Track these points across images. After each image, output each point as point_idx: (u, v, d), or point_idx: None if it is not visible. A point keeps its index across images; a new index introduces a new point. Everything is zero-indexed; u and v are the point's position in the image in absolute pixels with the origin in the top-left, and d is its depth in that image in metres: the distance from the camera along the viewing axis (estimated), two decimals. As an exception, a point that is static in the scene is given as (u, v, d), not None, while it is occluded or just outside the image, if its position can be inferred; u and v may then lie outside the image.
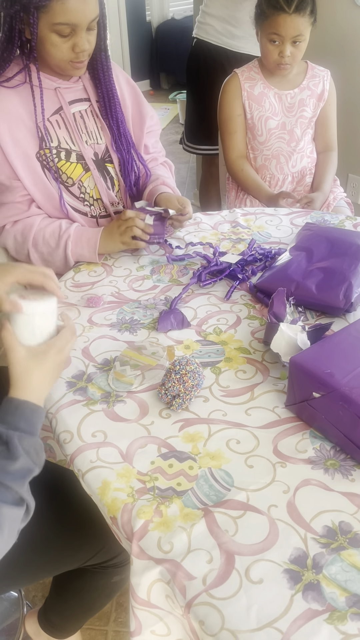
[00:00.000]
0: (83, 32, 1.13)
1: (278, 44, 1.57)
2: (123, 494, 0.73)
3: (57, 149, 1.26)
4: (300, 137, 1.73)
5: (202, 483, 0.74)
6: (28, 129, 1.22)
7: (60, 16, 1.08)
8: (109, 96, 1.31)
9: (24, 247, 1.27)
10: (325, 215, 1.44)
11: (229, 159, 1.77)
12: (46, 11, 1.08)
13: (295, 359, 0.80)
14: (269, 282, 1.09)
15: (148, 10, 5.16)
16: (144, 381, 0.90)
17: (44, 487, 0.96)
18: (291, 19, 1.51)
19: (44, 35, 1.12)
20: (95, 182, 1.32)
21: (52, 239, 1.25)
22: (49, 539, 0.92)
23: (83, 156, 1.30)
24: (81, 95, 1.30)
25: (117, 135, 1.34)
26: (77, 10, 1.08)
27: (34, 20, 1.09)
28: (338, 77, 1.81)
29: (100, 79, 1.29)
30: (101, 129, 1.33)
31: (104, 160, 1.34)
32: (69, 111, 1.27)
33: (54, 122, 1.26)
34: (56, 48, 1.13)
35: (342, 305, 1.02)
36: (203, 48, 2.14)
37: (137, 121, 1.41)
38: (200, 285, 1.15)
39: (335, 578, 0.62)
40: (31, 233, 1.25)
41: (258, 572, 0.63)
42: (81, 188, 1.31)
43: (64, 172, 1.28)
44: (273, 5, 1.52)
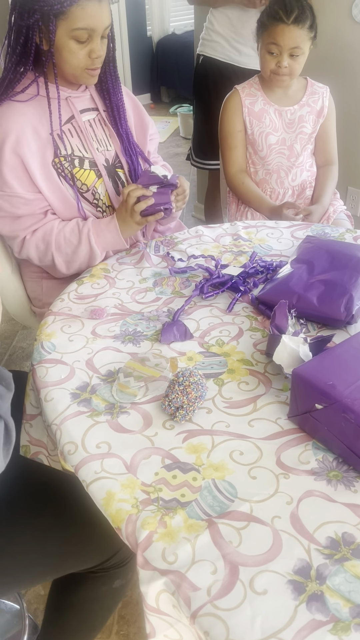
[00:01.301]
0: (99, 38, 1.18)
1: (276, 54, 1.60)
2: (127, 504, 0.73)
3: (71, 156, 1.30)
4: (300, 152, 1.76)
5: (205, 494, 0.74)
6: (43, 139, 1.25)
7: (80, 21, 1.13)
8: (118, 105, 1.36)
9: (47, 254, 1.29)
10: (325, 228, 1.45)
11: (229, 173, 1.80)
12: (65, 17, 1.13)
13: (297, 371, 0.81)
14: (271, 294, 1.10)
15: (149, 25, 5.22)
16: (147, 392, 0.91)
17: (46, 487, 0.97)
18: (289, 30, 1.54)
19: (62, 43, 1.16)
20: (106, 189, 1.35)
21: (73, 237, 1.27)
22: (51, 534, 0.93)
23: (96, 163, 1.34)
24: (89, 105, 1.35)
25: (127, 142, 1.38)
26: (95, 16, 1.14)
27: (53, 27, 1.14)
28: (338, 93, 1.84)
29: (110, 89, 1.35)
30: (109, 136, 1.37)
31: (114, 166, 1.38)
32: (81, 119, 1.31)
33: (66, 130, 1.29)
34: (73, 55, 1.18)
35: (343, 317, 1.03)
36: (211, 65, 2.18)
37: (140, 129, 1.45)
38: (203, 298, 1.16)
39: (339, 589, 0.63)
40: (52, 237, 1.27)
41: (262, 583, 0.64)
42: (95, 194, 1.34)
43: (79, 178, 1.31)
44: (273, 15, 1.55)
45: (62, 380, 0.95)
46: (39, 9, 1.13)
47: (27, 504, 0.95)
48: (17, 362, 2.19)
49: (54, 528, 0.94)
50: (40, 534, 0.93)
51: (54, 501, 0.96)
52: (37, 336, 1.08)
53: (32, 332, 2.34)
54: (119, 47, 4.99)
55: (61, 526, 0.95)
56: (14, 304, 1.51)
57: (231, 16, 2.06)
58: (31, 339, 2.32)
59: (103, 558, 1.00)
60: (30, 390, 1.00)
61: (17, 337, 2.33)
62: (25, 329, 2.36)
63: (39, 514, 0.94)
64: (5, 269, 1.43)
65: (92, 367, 0.98)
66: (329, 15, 2.18)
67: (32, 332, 2.34)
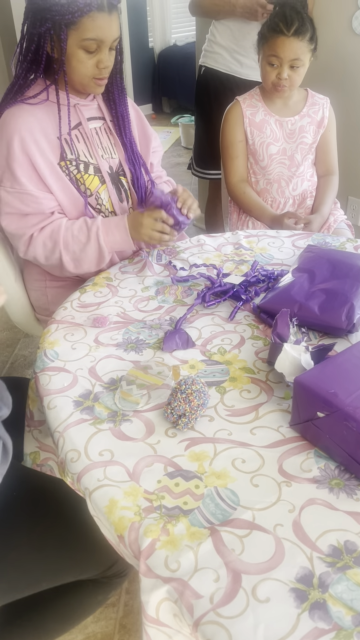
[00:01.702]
0: (107, 49, 1.21)
1: (276, 66, 1.61)
2: (130, 512, 0.74)
3: (76, 161, 1.32)
4: (301, 162, 1.77)
5: (208, 502, 0.74)
6: (51, 141, 1.28)
7: (90, 32, 1.16)
8: (123, 116, 1.39)
9: (54, 251, 1.29)
10: (326, 238, 1.46)
11: (231, 182, 1.81)
12: (76, 28, 1.16)
13: (299, 379, 0.81)
14: (272, 303, 1.11)
15: (151, 36, 5.28)
16: (150, 400, 0.91)
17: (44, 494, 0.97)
18: (290, 42, 1.56)
19: (72, 52, 1.19)
20: (109, 195, 1.37)
21: (81, 235, 1.28)
22: (48, 541, 0.94)
23: (100, 169, 1.36)
24: (96, 114, 1.38)
25: (131, 152, 1.41)
26: (105, 27, 1.17)
27: (64, 36, 1.16)
28: (338, 104, 1.85)
29: (116, 100, 1.38)
30: (114, 145, 1.40)
31: (118, 174, 1.41)
32: (88, 126, 1.34)
33: (74, 136, 1.32)
34: (82, 64, 1.21)
35: (344, 326, 1.04)
36: (213, 76, 2.20)
37: (143, 141, 1.48)
38: (205, 306, 1.17)
39: (342, 597, 0.63)
40: (60, 234, 1.28)
41: (265, 591, 0.64)
42: (98, 199, 1.36)
43: (83, 183, 1.33)
44: (273, 28, 1.57)
45: (65, 388, 0.96)
46: (50, 18, 1.15)
47: (25, 511, 0.95)
48: (19, 370, 2.19)
49: (51, 535, 0.94)
50: (38, 541, 0.93)
51: (52, 508, 0.96)
52: (40, 344, 1.08)
53: (34, 340, 2.34)
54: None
55: (59, 533, 0.95)
56: (18, 312, 1.52)
57: (233, 28, 2.08)
58: (33, 347, 2.32)
59: (101, 568, 1.00)
60: (37, 397, 1.01)
61: (19, 345, 2.33)
62: (27, 337, 2.36)
63: (37, 521, 0.94)
64: (9, 277, 1.44)
65: (94, 375, 0.98)
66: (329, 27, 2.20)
67: (33, 340, 2.35)
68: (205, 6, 2.14)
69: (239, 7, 1.99)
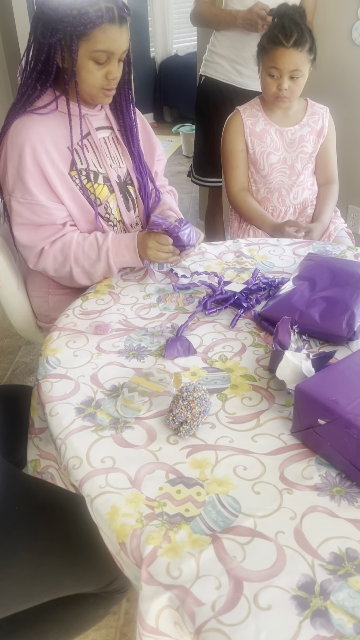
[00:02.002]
0: (116, 60, 1.22)
1: (276, 77, 1.63)
2: (132, 519, 0.74)
3: (86, 170, 1.33)
4: (301, 171, 1.78)
5: (209, 509, 0.75)
6: (61, 151, 1.29)
7: (101, 44, 1.18)
8: (131, 126, 1.41)
9: (65, 265, 1.31)
10: (327, 246, 1.47)
11: (232, 191, 1.82)
12: (87, 39, 1.17)
13: (300, 387, 0.82)
14: (273, 310, 1.11)
15: (152, 46, 5.32)
16: (151, 407, 0.92)
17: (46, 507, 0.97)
18: (289, 53, 1.57)
19: (81, 63, 1.20)
20: (117, 204, 1.38)
21: (92, 252, 1.29)
22: (48, 556, 0.93)
23: (109, 178, 1.37)
24: (104, 124, 1.39)
25: (138, 161, 1.43)
26: (115, 40, 1.19)
27: (75, 48, 1.17)
28: (338, 113, 1.87)
29: (123, 110, 1.39)
30: (122, 154, 1.41)
31: (125, 183, 1.42)
32: (96, 136, 1.35)
33: (83, 145, 1.32)
34: (91, 75, 1.22)
35: (345, 333, 1.04)
36: (212, 85, 2.22)
37: (148, 150, 1.49)
38: (206, 314, 1.17)
39: (343, 605, 0.63)
40: (71, 249, 1.29)
41: (266, 598, 0.64)
42: (107, 209, 1.37)
43: (92, 192, 1.33)
44: (273, 40, 1.59)
45: (67, 395, 0.96)
46: (62, 29, 1.16)
47: (25, 524, 0.94)
48: (20, 377, 2.19)
49: (52, 550, 0.94)
50: (38, 556, 0.93)
51: (53, 522, 0.96)
52: (42, 351, 1.09)
53: (35, 347, 2.35)
54: (123, 67, 5.08)
55: (60, 549, 0.94)
56: (20, 320, 1.52)
57: (233, 39, 2.11)
58: (34, 354, 2.32)
59: (103, 582, 1.00)
60: (38, 404, 1.01)
61: (21, 352, 2.34)
62: (29, 344, 2.37)
63: (37, 535, 0.94)
64: (11, 284, 1.44)
65: (96, 382, 0.99)
66: (329, 37, 2.22)
67: (35, 348, 2.35)
68: (206, 17, 2.17)
69: (240, 19, 2.01)
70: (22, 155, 1.23)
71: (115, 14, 1.17)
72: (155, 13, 5.13)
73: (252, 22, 1.96)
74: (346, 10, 2.17)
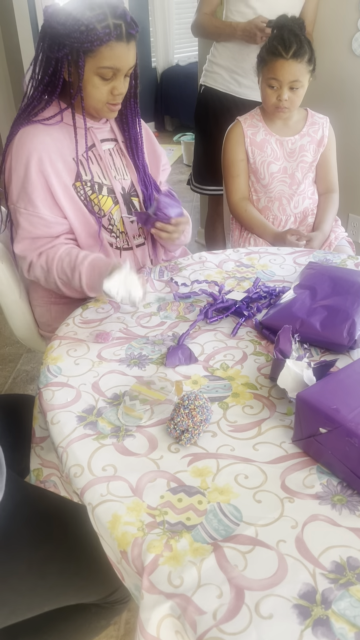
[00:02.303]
0: (122, 76, 1.23)
1: (276, 88, 1.65)
2: (133, 527, 0.74)
3: (91, 182, 1.33)
4: (302, 180, 1.79)
5: (211, 518, 0.75)
6: (66, 162, 1.29)
7: (107, 60, 1.18)
8: (136, 138, 1.41)
9: (50, 276, 1.31)
10: (327, 255, 1.47)
11: (232, 200, 1.83)
12: (94, 55, 1.18)
13: (301, 395, 0.82)
14: (274, 319, 1.12)
15: (154, 56, 5.36)
16: (153, 416, 0.92)
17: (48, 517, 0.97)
18: (289, 64, 1.59)
19: (87, 78, 1.21)
20: (121, 215, 1.39)
21: (68, 269, 1.28)
22: (50, 566, 0.93)
23: (113, 190, 1.37)
24: (109, 136, 1.40)
25: (143, 174, 1.43)
26: (122, 57, 1.19)
27: (82, 63, 1.18)
28: (338, 123, 1.88)
29: (129, 123, 1.39)
30: (126, 166, 1.42)
31: (130, 194, 1.43)
32: (101, 148, 1.36)
33: (88, 157, 1.33)
34: (97, 90, 1.23)
35: (346, 342, 1.04)
36: (212, 95, 2.24)
37: (153, 160, 1.50)
38: (207, 322, 1.18)
39: (345, 613, 0.63)
40: (53, 264, 1.29)
41: (268, 607, 0.64)
42: (110, 220, 1.38)
43: (96, 204, 1.34)
44: (272, 51, 1.60)
45: (68, 403, 0.96)
46: (69, 44, 1.17)
47: (27, 534, 0.94)
48: (21, 386, 2.20)
49: (53, 561, 0.93)
50: (39, 567, 0.92)
51: (55, 532, 0.95)
52: (44, 360, 1.09)
53: (36, 355, 2.35)
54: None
55: (61, 559, 0.94)
56: (22, 328, 1.53)
57: (233, 50, 2.13)
58: (35, 362, 2.33)
59: (105, 592, 0.99)
60: (39, 413, 1.01)
61: (22, 361, 2.34)
62: (30, 352, 2.37)
63: (39, 545, 0.93)
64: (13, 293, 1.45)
65: (98, 390, 0.99)
66: (330, 48, 2.24)
67: (36, 356, 2.35)
68: (207, 28, 2.19)
69: (239, 31, 2.03)
70: (27, 166, 1.24)
71: (123, 31, 1.17)
72: (157, 23, 5.18)
73: (251, 34, 1.98)
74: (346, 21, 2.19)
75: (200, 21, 2.20)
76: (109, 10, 1.16)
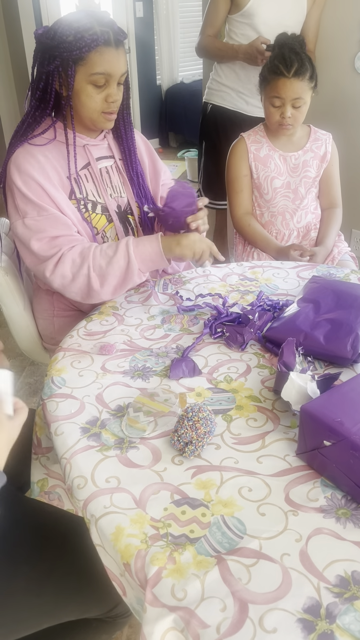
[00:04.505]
0: (115, 83, 1.24)
1: (279, 106, 1.67)
2: (136, 540, 0.73)
3: (84, 200, 1.34)
4: (305, 195, 1.81)
5: (214, 530, 0.74)
6: (61, 180, 1.30)
7: (98, 66, 1.20)
8: (130, 151, 1.42)
9: (82, 267, 1.24)
10: (331, 269, 1.48)
11: (236, 215, 1.85)
12: (84, 63, 1.19)
13: (306, 408, 0.82)
14: (278, 332, 1.12)
15: (158, 74, 5.44)
16: (156, 428, 0.92)
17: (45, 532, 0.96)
18: (291, 83, 1.61)
19: (80, 87, 1.23)
20: (116, 232, 1.39)
21: (110, 249, 1.24)
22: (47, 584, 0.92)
23: (107, 208, 1.38)
24: (106, 153, 1.41)
25: (138, 187, 1.43)
26: (112, 61, 1.21)
27: (72, 72, 1.20)
28: (341, 139, 1.90)
29: (122, 135, 1.40)
30: (123, 184, 1.42)
31: (125, 212, 1.43)
32: (96, 167, 1.37)
33: (82, 175, 1.34)
34: (91, 99, 1.24)
35: (349, 355, 1.04)
36: (220, 113, 2.28)
37: (153, 176, 1.50)
38: (213, 339, 1.18)
39: (349, 628, 0.62)
40: (90, 251, 1.25)
41: (272, 621, 0.63)
42: (104, 238, 1.38)
43: (89, 222, 1.35)
44: (274, 70, 1.63)
45: (72, 414, 0.96)
46: (59, 55, 1.19)
47: (25, 551, 0.93)
48: (24, 398, 2.20)
49: (50, 577, 0.92)
50: (36, 586, 0.91)
51: (54, 548, 0.94)
52: (48, 371, 1.09)
53: (40, 368, 2.35)
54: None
55: (60, 574, 0.93)
56: (25, 340, 1.53)
57: (237, 71, 2.17)
58: (38, 375, 2.33)
59: (106, 608, 0.98)
60: (44, 424, 1.01)
61: (25, 373, 2.34)
62: (34, 364, 2.37)
63: (37, 562, 0.92)
64: (17, 305, 1.46)
65: (101, 401, 0.99)
66: (332, 66, 2.28)
67: (39, 369, 2.35)
68: (210, 50, 2.24)
69: (241, 53, 2.07)
70: (27, 181, 1.25)
71: (111, 37, 1.20)
72: (162, 41, 5.26)
73: (252, 57, 2.02)
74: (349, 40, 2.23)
75: (204, 44, 2.25)
76: (96, 20, 1.20)
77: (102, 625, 1.04)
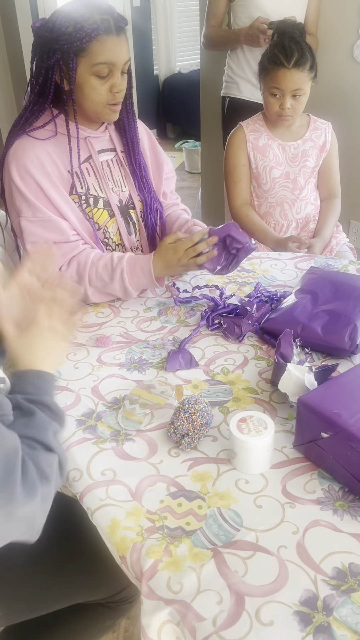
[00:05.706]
0: (119, 72, 1.20)
1: (279, 97, 1.65)
2: (132, 532, 0.73)
3: (86, 195, 1.32)
4: (304, 186, 1.79)
5: (211, 523, 0.74)
6: (62, 175, 1.27)
7: (100, 56, 1.16)
8: (133, 142, 1.38)
9: (80, 284, 1.25)
10: (329, 260, 1.47)
11: (234, 206, 1.83)
12: (85, 54, 1.16)
13: (303, 399, 0.81)
14: (276, 323, 1.11)
15: (156, 64, 5.40)
16: (153, 420, 0.91)
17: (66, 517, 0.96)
18: (290, 74, 1.59)
19: (83, 80, 1.19)
20: (118, 227, 1.37)
21: (105, 273, 1.24)
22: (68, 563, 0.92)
23: (109, 202, 1.35)
24: (108, 146, 1.37)
25: (140, 180, 1.40)
26: (115, 50, 1.17)
27: (73, 65, 1.16)
28: (340, 129, 1.89)
29: (125, 126, 1.36)
30: (125, 177, 1.39)
31: (127, 207, 1.40)
32: (98, 160, 1.33)
33: (84, 169, 1.31)
34: (95, 91, 1.20)
35: (347, 347, 1.04)
36: (240, 105, 2.27)
37: (155, 168, 1.47)
38: (210, 330, 1.17)
39: (346, 620, 0.62)
40: (86, 270, 1.24)
41: (268, 613, 0.63)
42: (106, 233, 1.35)
43: (91, 217, 1.32)
44: (274, 60, 1.61)
45: (67, 406, 0.96)
46: (59, 48, 1.15)
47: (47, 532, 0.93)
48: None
49: (71, 558, 0.93)
50: (58, 563, 0.92)
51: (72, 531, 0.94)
52: (44, 363, 1.08)
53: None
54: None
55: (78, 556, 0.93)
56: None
57: (249, 58, 2.15)
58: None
59: (113, 590, 0.99)
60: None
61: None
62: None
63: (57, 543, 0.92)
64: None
65: (97, 394, 0.98)
66: (331, 56, 2.26)
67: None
68: (214, 40, 2.23)
69: (242, 36, 2.05)
70: (24, 177, 1.22)
71: (112, 24, 1.16)
72: (159, 31, 5.21)
73: (254, 38, 2.00)
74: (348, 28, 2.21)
75: (208, 34, 2.24)
76: (94, 8, 1.16)
77: (107, 611, 1.05)
